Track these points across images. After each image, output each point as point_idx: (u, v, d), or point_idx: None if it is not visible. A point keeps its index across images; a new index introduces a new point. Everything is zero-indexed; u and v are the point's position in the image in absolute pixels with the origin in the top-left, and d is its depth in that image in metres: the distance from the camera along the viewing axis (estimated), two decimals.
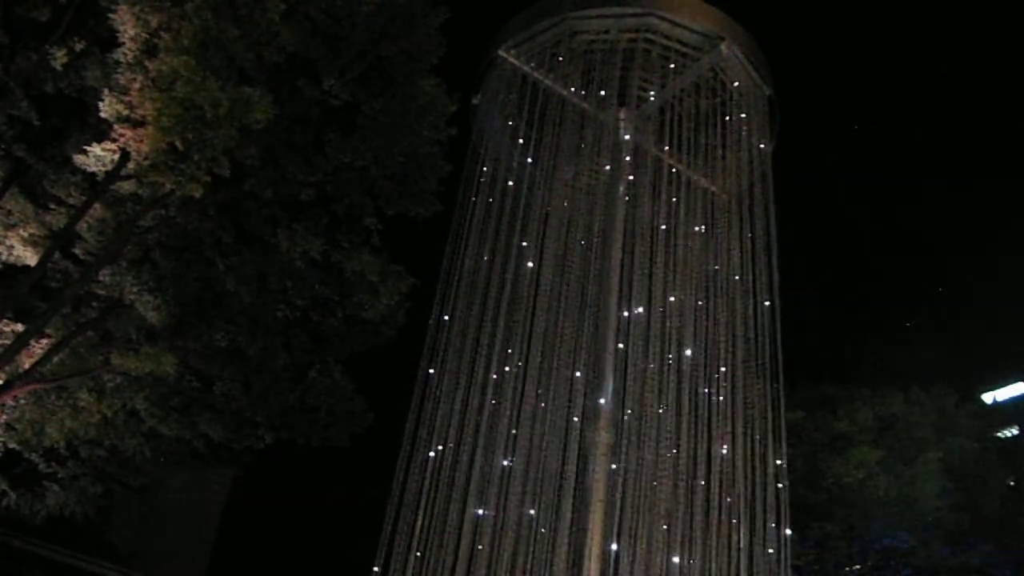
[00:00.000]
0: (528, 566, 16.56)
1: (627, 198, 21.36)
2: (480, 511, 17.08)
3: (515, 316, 18.38)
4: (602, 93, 21.26)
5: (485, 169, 21.23)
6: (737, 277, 19.73)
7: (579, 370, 18.06)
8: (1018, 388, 40.96)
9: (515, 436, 17.55)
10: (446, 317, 19.05)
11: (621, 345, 19.23)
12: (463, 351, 18.63)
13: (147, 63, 13.93)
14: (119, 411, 17.27)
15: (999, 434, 33.28)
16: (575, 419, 17.59)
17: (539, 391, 17.77)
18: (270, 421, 18.66)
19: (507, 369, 18.05)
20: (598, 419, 18.50)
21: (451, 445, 17.83)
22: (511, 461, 17.32)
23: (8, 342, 15.57)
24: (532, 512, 16.82)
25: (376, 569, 17.11)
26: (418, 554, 17.00)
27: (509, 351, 18.24)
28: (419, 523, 17.27)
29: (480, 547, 16.72)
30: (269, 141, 15.94)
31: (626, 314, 19.39)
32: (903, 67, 60.63)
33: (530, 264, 18.98)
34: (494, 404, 17.95)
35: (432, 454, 17.84)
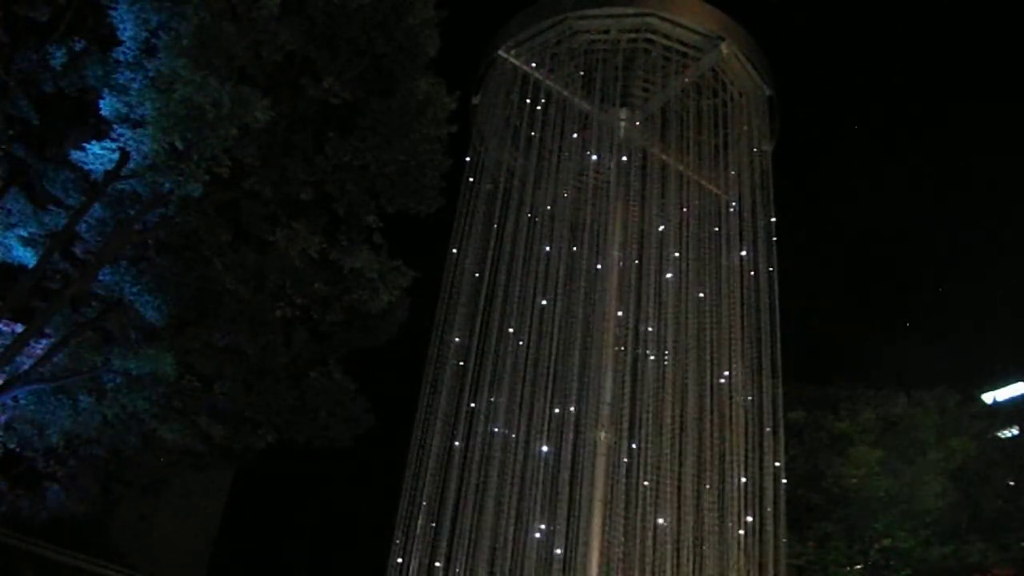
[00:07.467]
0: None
1: (627, 198, 21.35)
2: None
3: (515, 315, 18.40)
4: (603, 93, 21.26)
5: (485, 168, 21.24)
6: (737, 277, 19.73)
7: (579, 369, 18.08)
8: (1018, 388, 40.88)
9: (514, 436, 17.58)
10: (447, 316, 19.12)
11: (621, 348, 19.22)
12: (463, 350, 18.67)
13: (147, 62, 13.93)
14: (119, 411, 17.23)
15: (999, 434, 33.21)
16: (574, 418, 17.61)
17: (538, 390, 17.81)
18: (270, 421, 18.62)
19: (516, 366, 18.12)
20: (598, 418, 18.50)
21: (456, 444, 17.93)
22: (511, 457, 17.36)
23: (8, 342, 15.55)
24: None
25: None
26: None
27: (508, 350, 18.27)
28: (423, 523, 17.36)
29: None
30: (269, 140, 15.92)
31: (624, 313, 19.39)
32: (903, 67, 60.69)
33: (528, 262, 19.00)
34: (493, 402, 18.01)
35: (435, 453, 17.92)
